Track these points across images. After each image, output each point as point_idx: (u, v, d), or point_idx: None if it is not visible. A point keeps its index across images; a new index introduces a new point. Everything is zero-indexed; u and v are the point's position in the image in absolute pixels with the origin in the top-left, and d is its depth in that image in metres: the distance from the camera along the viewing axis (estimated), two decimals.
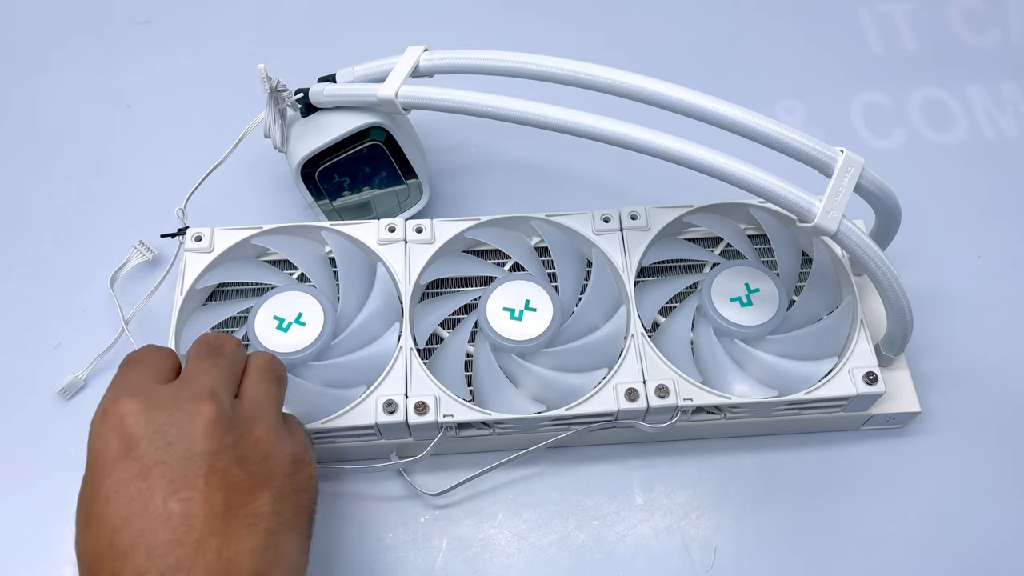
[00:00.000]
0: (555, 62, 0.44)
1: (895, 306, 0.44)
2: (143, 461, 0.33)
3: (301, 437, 0.41)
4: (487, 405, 0.48)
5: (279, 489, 0.36)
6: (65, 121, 0.66)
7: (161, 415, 0.35)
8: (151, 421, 0.34)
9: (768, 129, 0.40)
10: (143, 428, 0.34)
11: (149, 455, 0.33)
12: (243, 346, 0.41)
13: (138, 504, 0.32)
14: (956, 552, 0.49)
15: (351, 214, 0.56)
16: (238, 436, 0.36)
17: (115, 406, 0.35)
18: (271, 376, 0.40)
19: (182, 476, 0.33)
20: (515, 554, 0.49)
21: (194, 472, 0.33)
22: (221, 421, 0.35)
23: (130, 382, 0.37)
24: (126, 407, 0.35)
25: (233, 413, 0.36)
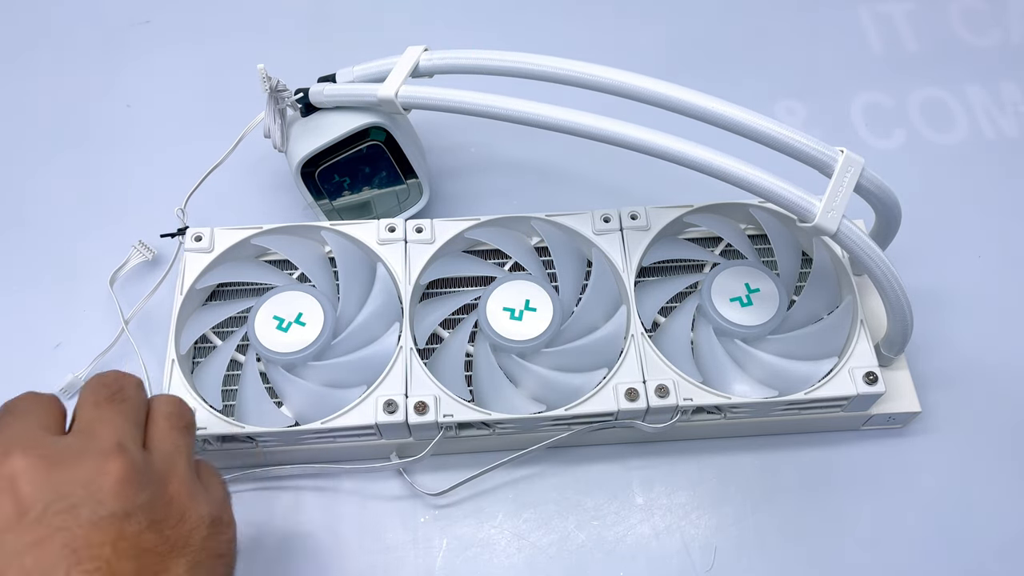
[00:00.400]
0: (555, 62, 0.44)
1: (895, 306, 0.44)
2: (40, 528, 0.29)
3: (218, 492, 0.37)
4: (487, 405, 0.48)
5: (195, 555, 0.32)
6: (65, 121, 0.66)
7: (61, 473, 0.30)
8: (49, 480, 0.30)
9: (768, 129, 0.40)
10: (40, 489, 0.30)
11: (47, 521, 0.29)
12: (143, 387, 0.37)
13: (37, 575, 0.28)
14: (956, 552, 0.49)
15: (351, 214, 0.56)
16: (151, 495, 0.31)
17: (7, 462, 0.30)
18: (180, 424, 0.36)
19: (86, 544, 0.29)
20: (515, 554, 0.49)
21: (101, 539, 0.29)
22: (133, 478, 0.31)
23: (17, 434, 0.32)
24: (17, 464, 0.30)
25: (145, 468, 0.32)
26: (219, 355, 0.50)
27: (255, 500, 0.50)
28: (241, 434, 0.47)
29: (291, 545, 0.49)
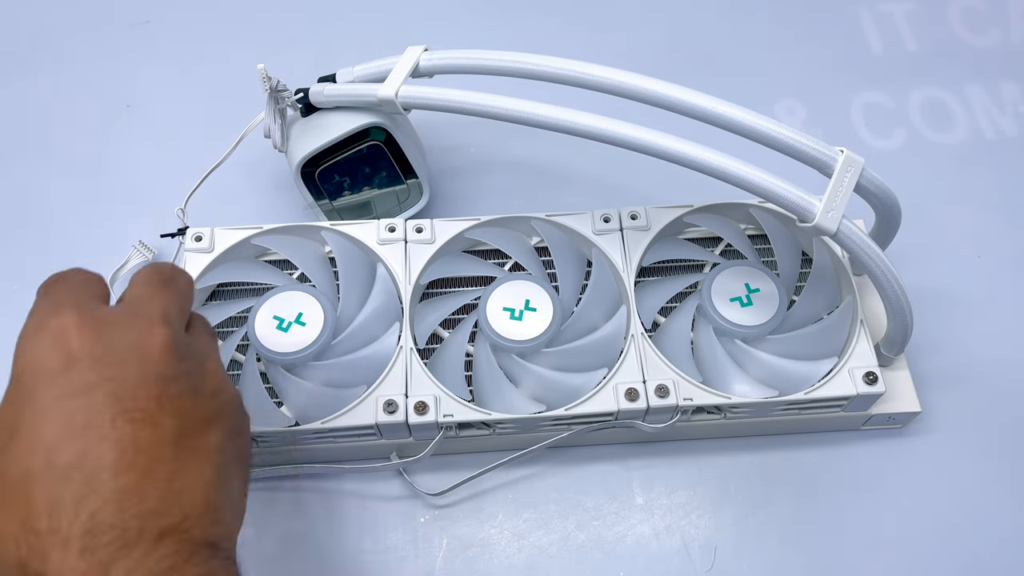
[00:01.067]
0: (555, 62, 0.44)
1: (895, 306, 0.44)
2: (87, 377, 0.30)
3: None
4: (487, 405, 0.48)
5: (227, 427, 0.33)
6: (65, 121, 0.66)
7: (110, 332, 0.31)
8: (98, 336, 0.31)
9: (768, 129, 0.40)
10: (88, 343, 0.30)
11: (95, 371, 0.30)
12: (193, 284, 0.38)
13: (80, 421, 0.29)
14: (956, 552, 0.49)
15: (351, 214, 0.56)
16: (191, 366, 0.32)
17: (56, 318, 0.31)
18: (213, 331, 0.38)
19: (132, 396, 0.30)
20: (515, 554, 0.49)
21: (146, 394, 0.30)
22: (176, 346, 0.32)
23: (67, 295, 0.33)
24: (68, 319, 0.31)
25: (187, 343, 0.33)
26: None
27: (255, 500, 0.50)
28: None
29: (291, 545, 0.49)
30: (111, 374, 0.30)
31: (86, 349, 0.30)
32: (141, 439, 0.29)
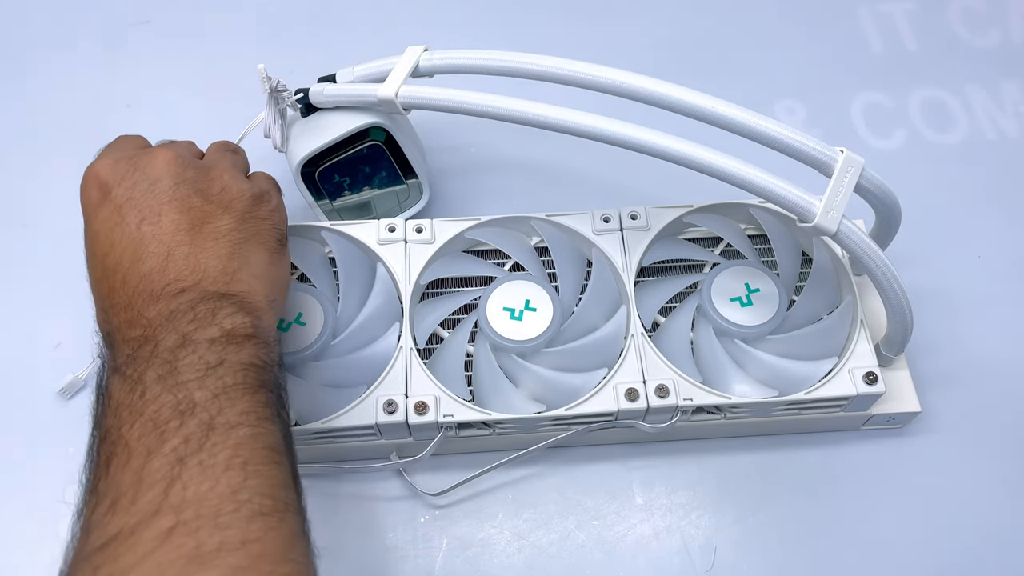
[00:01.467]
0: (555, 62, 0.44)
1: (895, 306, 0.44)
2: (116, 201, 0.40)
3: (263, 183, 0.45)
4: (487, 405, 0.48)
5: (239, 214, 0.41)
6: (65, 121, 0.66)
7: (126, 163, 0.41)
8: (117, 169, 0.40)
9: (768, 129, 0.40)
10: (113, 175, 0.40)
11: (120, 195, 0.40)
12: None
13: (116, 233, 0.39)
14: (956, 552, 0.49)
15: (351, 214, 0.56)
16: (196, 173, 0.41)
17: (92, 167, 0.41)
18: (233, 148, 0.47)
19: (148, 205, 0.39)
20: (515, 554, 0.49)
21: (158, 200, 0.39)
22: (178, 159, 0.41)
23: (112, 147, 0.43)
24: (100, 164, 0.41)
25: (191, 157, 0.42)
26: None
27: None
28: None
29: None
30: (130, 195, 0.40)
31: (114, 179, 0.40)
32: (160, 234, 0.39)
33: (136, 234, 0.39)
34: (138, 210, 0.39)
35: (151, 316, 0.36)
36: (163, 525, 0.30)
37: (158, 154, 0.41)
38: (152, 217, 0.39)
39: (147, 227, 0.39)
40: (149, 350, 0.35)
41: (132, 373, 0.35)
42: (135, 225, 0.39)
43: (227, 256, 0.39)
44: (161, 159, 0.41)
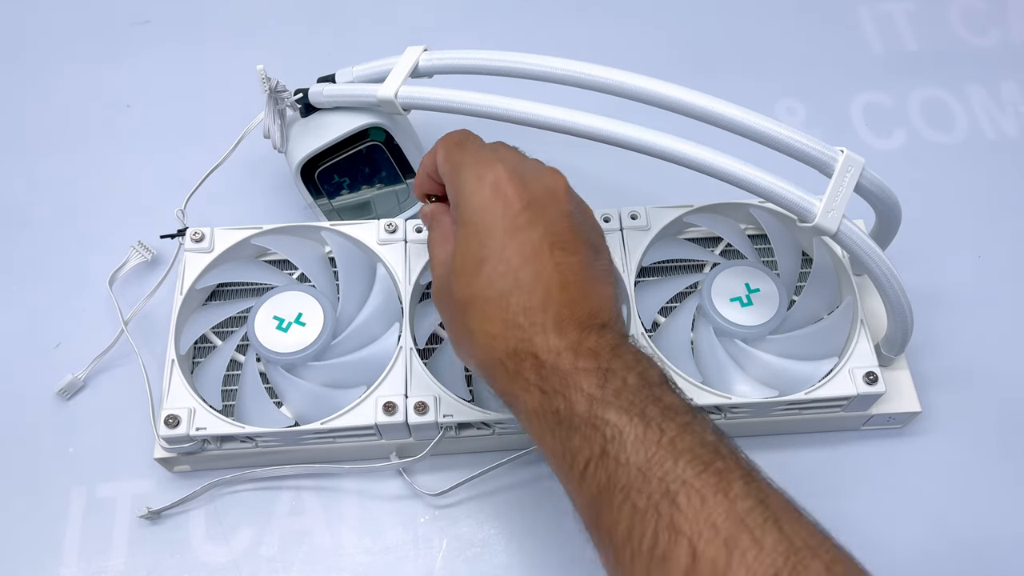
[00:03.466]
0: (555, 62, 0.44)
1: (895, 306, 0.44)
2: (525, 217, 0.38)
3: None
4: (487, 405, 0.48)
5: (607, 252, 0.42)
6: (65, 121, 0.66)
7: (531, 182, 0.40)
8: (526, 186, 0.39)
9: (768, 129, 0.40)
10: (520, 191, 0.39)
11: (530, 212, 0.39)
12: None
13: (529, 251, 0.38)
14: (956, 552, 0.49)
15: (351, 214, 0.56)
16: (577, 203, 0.42)
17: (490, 172, 0.39)
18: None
19: (557, 231, 0.39)
20: (515, 554, 0.49)
21: (564, 228, 0.39)
22: (570, 191, 0.41)
23: (484, 154, 0.41)
24: (500, 173, 0.39)
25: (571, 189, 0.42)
26: (219, 355, 0.50)
27: (255, 500, 0.50)
28: (241, 434, 0.47)
29: (291, 545, 0.49)
30: (540, 214, 0.39)
31: (519, 196, 0.39)
32: (572, 263, 0.38)
33: (552, 258, 0.38)
34: (551, 234, 0.38)
35: (594, 347, 0.36)
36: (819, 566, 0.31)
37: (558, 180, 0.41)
38: (562, 244, 0.38)
39: (560, 254, 0.38)
40: (619, 384, 0.35)
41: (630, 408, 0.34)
42: (549, 248, 0.38)
43: (613, 296, 0.40)
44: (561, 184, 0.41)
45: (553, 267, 0.38)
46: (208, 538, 0.49)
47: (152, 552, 0.49)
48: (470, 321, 0.38)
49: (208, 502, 0.50)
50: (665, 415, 0.34)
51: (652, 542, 0.32)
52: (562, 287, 0.38)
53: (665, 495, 0.32)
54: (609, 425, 0.34)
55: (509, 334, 0.37)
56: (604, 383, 0.35)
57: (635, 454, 0.34)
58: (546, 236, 0.38)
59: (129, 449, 0.51)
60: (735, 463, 0.34)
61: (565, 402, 0.35)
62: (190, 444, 0.48)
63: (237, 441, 0.48)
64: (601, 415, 0.35)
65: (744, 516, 0.32)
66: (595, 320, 0.38)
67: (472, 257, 0.39)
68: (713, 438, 0.35)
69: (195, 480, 0.50)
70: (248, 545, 0.49)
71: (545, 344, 0.36)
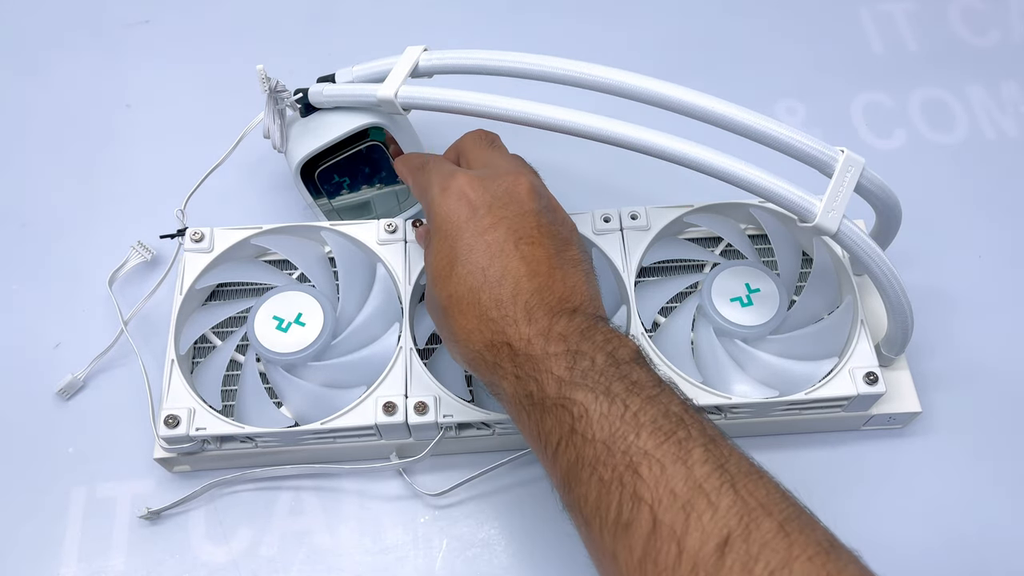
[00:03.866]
0: (555, 62, 0.44)
1: (895, 306, 0.44)
2: (489, 219, 0.41)
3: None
4: (486, 405, 0.48)
5: (578, 242, 0.43)
6: (65, 121, 0.66)
7: (490, 185, 0.42)
8: (487, 189, 0.42)
9: (768, 129, 0.40)
10: (482, 195, 0.41)
11: (492, 213, 0.41)
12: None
13: (496, 248, 0.40)
14: (956, 552, 0.49)
15: (351, 214, 0.56)
16: (546, 203, 0.43)
17: (453, 181, 0.42)
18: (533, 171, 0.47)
19: (521, 227, 0.41)
20: (515, 554, 0.49)
21: (529, 224, 0.41)
22: (535, 190, 0.43)
23: (444, 167, 0.44)
24: (462, 180, 0.42)
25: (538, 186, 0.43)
26: (219, 355, 0.50)
27: (255, 500, 0.50)
28: (241, 434, 0.47)
29: (291, 545, 0.49)
30: (503, 214, 0.41)
31: (481, 199, 0.41)
32: (538, 255, 0.40)
33: (517, 252, 0.40)
34: (515, 231, 0.40)
35: (563, 332, 0.38)
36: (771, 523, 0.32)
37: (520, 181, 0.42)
38: (528, 239, 0.40)
39: (525, 247, 0.40)
40: (587, 364, 0.37)
41: (595, 386, 0.36)
42: (514, 244, 0.40)
43: (586, 282, 0.41)
44: (524, 187, 0.42)
45: (519, 260, 0.40)
46: (208, 538, 0.49)
47: (152, 552, 0.49)
48: (450, 321, 0.41)
49: (208, 502, 0.50)
50: (630, 391, 0.36)
51: (617, 512, 0.34)
52: (530, 277, 0.39)
53: (628, 467, 0.34)
54: (576, 404, 0.36)
55: (484, 327, 0.39)
56: (573, 365, 0.37)
57: (600, 430, 0.35)
58: (510, 233, 0.40)
59: (129, 449, 0.51)
60: (698, 432, 0.35)
61: (537, 385, 0.37)
62: (190, 444, 0.48)
63: (237, 441, 0.48)
64: (569, 395, 0.36)
65: (702, 481, 0.33)
66: (565, 305, 0.39)
67: (445, 261, 0.41)
68: (678, 408, 0.36)
69: (195, 480, 0.50)
70: (248, 545, 0.49)
71: (517, 333, 0.38)
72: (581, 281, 0.41)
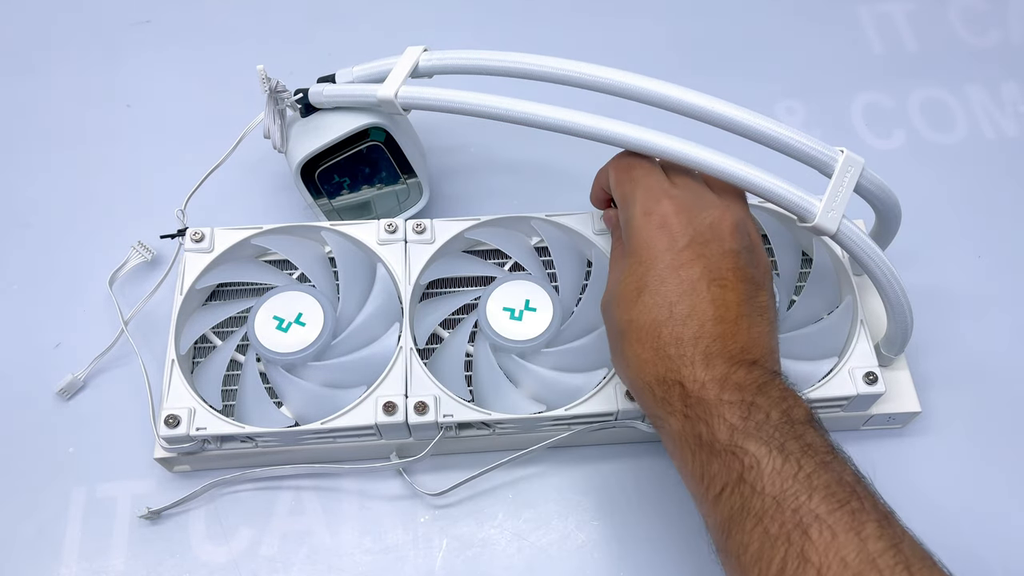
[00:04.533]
0: (555, 62, 0.44)
1: (895, 306, 0.44)
2: (688, 253, 0.40)
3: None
4: (487, 405, 0.48)
5: (769, 287, 0.42)
6: (65, 121, 0.66)
7: (697, 218, 0.41)
8: (691, 222, 0.41)
9: (768, 129, 0.40)
10: (685, 227, 0.40)
11: (692, 249, 0.40)
12: None
13: (688, 286, 0.39)
14: (956, 552, 0.49)
15: (351, 214, 0.56)
16: (748, 243, 0.42)
17: (658, 206, 0.41)
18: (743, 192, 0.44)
19: (717, 268, 0.40)
20: (515, 554, 0.49)
21: (726, 266, 0.40)
22: (738, 228, 0.41)
23: (653, 185, 0.42)
24: (668, 208, 0.41)
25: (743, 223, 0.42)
26: (219, 355, 0.50)
27: (255, 500, 0.50)
28: (241, 434, 0.47)
29: (291, 545, 0.49)
30: (702, 251, 0.40)
31: (684, 231, 0.40)
32: (728, 299, 0.40)
33: (708, 293, 0.39)
34: (710, 271, 0.40)
35: (740, 382, 0.38)
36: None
37: (725, 217, 0.41)
38: (722, 281, 0.40)
39: (717, 290, 0.39)
40: (762, 418, 0.37)
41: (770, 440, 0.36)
42: (706, 285, 0.39)
43: (769, 334, 0.41)
44: (729, 224, 0.41)
45: (709, 302, 0.39)
46: (208, 538, 0.49)
47: (152, 552, 0.49)
48: (625, 345, 0.41)
49: (208, 502, 0.50)
50: (805, 451, 0.36)
51: (780, 568, 0.34)
52: (715, 321, 0.39)
53: (797, 526, 0.34)
54: (748, 454, 0.36)
55: (659, 362, 0.39)
56: (747, 416, 0.37)
57: (771, 484, 0.35)
58: (705, 273, 0.40)
59: (129, 449, 0.51)
60: (871, 505, 0.35)
61: (707, 428, 0.37)
62: (190, 444, 0.48)
63: (237, 441, 0.48)
64: (741, 444, 0.36)
65: (875, 557, 0.33)
66: (745, 356, 0.39)
67: (633, 286, 0.41)
68: (851, 478, 0.36)
69: (195, 480, 0.50)
70: (248, 545, 0.49)
71: (692, 375, 0.38)
72: (765, 332, 0.40)
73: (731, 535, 0.36)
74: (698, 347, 0.39)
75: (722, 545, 0.37)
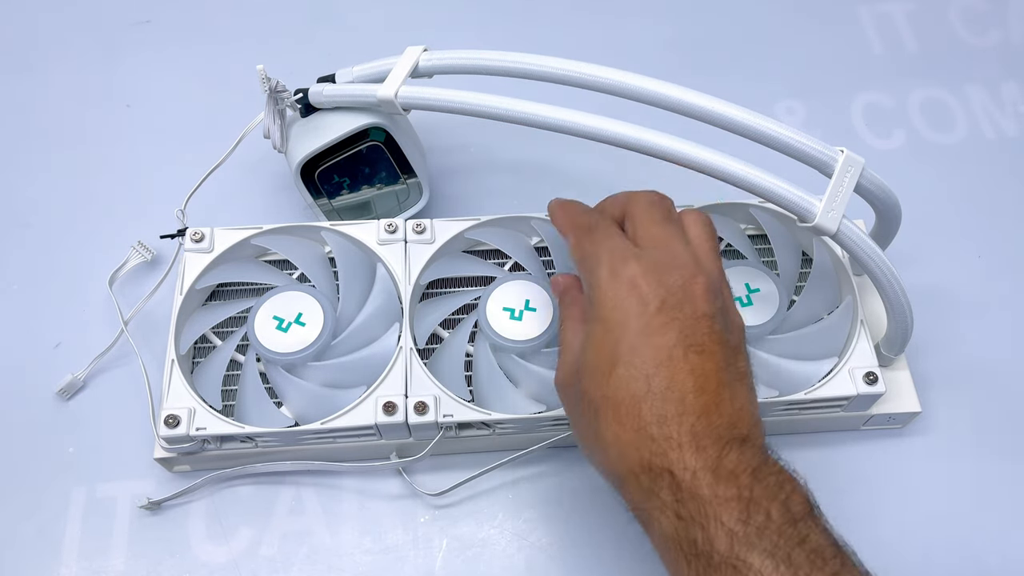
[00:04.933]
0: (555, 62, 0.44)
1: (895, 306, 0.44)
2: (660, 318, 0.37)
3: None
4: (487, 405, 0.48)
5: (744, 349, 0.40)
6: (65, 121, 0.66)
7: (668, 278, 0.38)
8: (661, 283, 0.38)
9: (768, 129, 0.40)
10: (655, 289, 0.37)
11: (665, 313, 0.37)
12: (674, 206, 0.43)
13: (664, 355, 0.36)
14: (956, 551, 0.49)
15: (351, 214, 0.56)
16: (721, 306, 0.39)
17: (625, 267, 0.38)
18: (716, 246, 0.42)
19: (692, 333, 0.37)
20: (515, 554, 0.49)
21: (701, 330, 0.37)
22: (711, 290, 0.38)
23: (618, 246, 0.40)
24: (636, 269, 0.38)
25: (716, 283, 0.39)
26: (219, 355, 0.50)
27: (255, 500, 0.50)
28: (241, 434, 0.47)
29: (291, 545, 0.49)
30: (675, 315, 0.37)
31: (654, 294, 0.37)
32: (706, 368, 0.37)
33: (686, 363, 0.36)
34: (685, 336, 0.37)
35: (734, 469, 0.35)
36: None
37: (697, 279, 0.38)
38: (699, 347, 0.37)
39: (695, 357, 0.37)
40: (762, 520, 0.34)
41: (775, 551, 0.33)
42: (683, 351, 0.37)
43: (752, 402, 0.38)
44: (701, 286, 0.38)
45: (687, 372, 0.36)
46: (208, 537, 0.49)
47: (152, 552, 0.49)
48: (601, 425, 0.37)
49: (208, 501, 0.50)
50: (813, 562, 0.34)
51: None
52: (696, 393, 0.36)
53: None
54: (752, 570, 0.33)
55: (642, 445, 0.36)
56: (747, 518, 0.34)
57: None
58: (681, 339, 0.37)
59: (129, 449, 0.51)
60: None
61: (703, 534, 0.34)
62: (190, 444, 0.48)
63: (237, 441, 0.48)
64: (744, 558, 0.33)
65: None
66: (734, 432, 0.36)
67: (605, 357, 0.37)
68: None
69: (195, 480, 0.50)
70: (248, 545, 0.49)
71: (681, 461, 0.35)
72: (748, 401, 0.38)
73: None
74: (683, 426, 0.35)
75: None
